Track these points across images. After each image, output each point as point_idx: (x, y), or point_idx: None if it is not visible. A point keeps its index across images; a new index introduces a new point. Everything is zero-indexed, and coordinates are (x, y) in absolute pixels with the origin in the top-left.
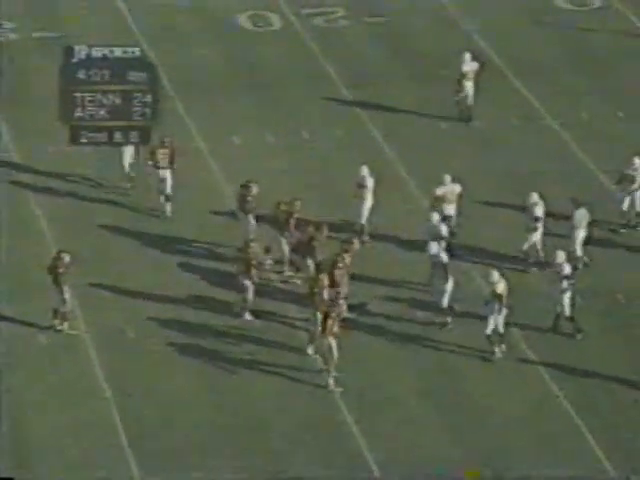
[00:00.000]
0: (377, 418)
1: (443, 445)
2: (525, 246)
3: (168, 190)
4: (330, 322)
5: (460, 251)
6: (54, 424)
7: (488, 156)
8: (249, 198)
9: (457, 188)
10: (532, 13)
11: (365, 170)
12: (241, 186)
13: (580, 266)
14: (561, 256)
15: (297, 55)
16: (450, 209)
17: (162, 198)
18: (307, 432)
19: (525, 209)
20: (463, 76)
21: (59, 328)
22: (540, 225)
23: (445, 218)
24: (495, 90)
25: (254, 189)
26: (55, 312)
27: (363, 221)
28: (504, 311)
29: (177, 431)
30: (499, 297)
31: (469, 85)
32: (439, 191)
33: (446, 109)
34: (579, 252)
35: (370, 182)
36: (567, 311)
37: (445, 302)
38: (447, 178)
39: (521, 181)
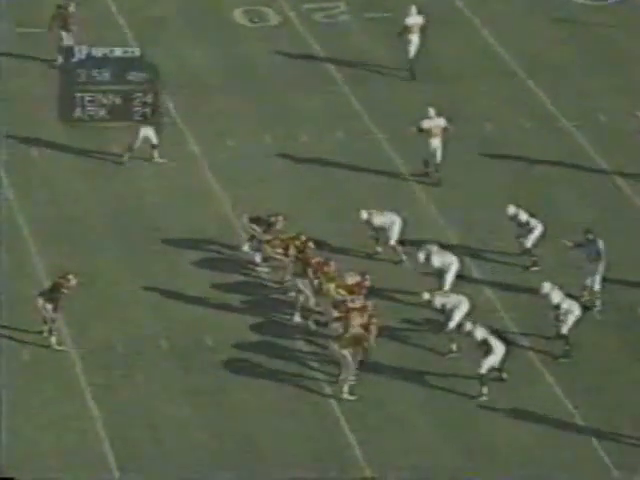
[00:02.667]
0: (380, 437)
1: (447, 461)
2: (528, 244)
3: (154, 141)
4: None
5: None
6: (37, 445)
7: (499, 159)
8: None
9: (442, 122)
10: (545, 8)
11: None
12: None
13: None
14: (546, 287)
15: (296, 52)
16: (436, 142)
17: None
18: (307, 453)
19: (514, 222)
20: (407, 29)
21: (48, 343)
22: (532, 226)
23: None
24: (507, 90)
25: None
26: (45, 322)
27: (393, 241)
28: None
29: (169, 453)
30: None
31: (414, 38)
32: (425, 125)
33: (453, 109)
34: (597, 287)
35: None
36: (562, 330)
37: (452, 325)
38: (431, 111)
39: (534, 186)
